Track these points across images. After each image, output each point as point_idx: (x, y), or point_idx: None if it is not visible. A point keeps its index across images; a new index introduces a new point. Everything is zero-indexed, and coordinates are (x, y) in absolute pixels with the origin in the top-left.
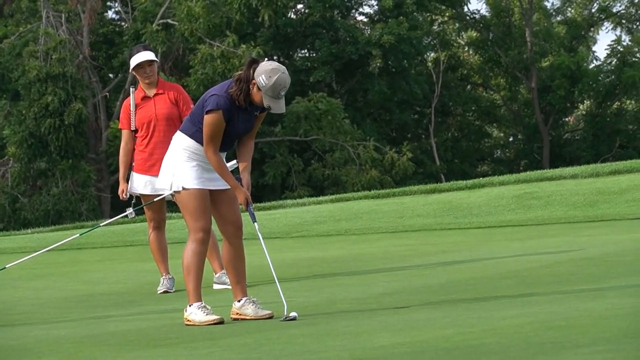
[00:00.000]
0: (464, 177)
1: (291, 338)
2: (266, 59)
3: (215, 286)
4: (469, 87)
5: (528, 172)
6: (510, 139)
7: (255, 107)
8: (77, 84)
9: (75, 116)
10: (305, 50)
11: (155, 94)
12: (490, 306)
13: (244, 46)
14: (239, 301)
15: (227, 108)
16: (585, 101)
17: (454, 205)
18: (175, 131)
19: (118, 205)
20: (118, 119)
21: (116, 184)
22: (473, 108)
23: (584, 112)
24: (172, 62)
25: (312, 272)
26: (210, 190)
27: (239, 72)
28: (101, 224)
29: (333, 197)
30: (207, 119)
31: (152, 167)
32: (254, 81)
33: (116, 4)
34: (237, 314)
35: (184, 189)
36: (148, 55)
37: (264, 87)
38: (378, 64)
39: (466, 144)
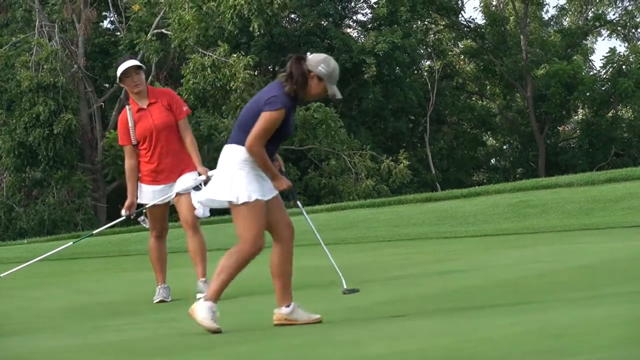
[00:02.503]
0: (459, 185)
1: (288, 347)
2: (308, 53)
3: (199, 295)
4: (464, 95)
5: (523, 181)
6: (505, 147)
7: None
8: (68, 94)
9: (65, 126)
10: None
11: (149, 104)
12: (486, 314)
13: (234, 56)
14: (287, 306)
15: (288, 107)
16: (580, 109)
17: (450, 214)
18: (176, 137)
19: (114, 216)
20: (114, 128)
21: (112, 193)
22: (468, 117)
23: (579, 120)
24: (167, 72)
25: (307, 281)
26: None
27: (286, 72)
28: (95, 231)
29: (329, 206)
30: (271, 115)
31: (159, 177)
32: (312, 74)
33: (111, 14)
34: (287, 319)
35: (248, 202)
36: (133, 61)
37: (326, 75)
38: (372, 72)
39: (461, 153)
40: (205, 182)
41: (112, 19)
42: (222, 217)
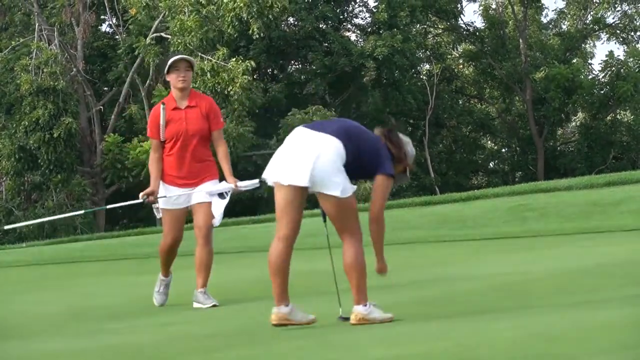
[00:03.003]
0: (458, 189)
1: (286, 351)
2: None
3: (196, 305)
4: (463, 99)
5: (522, 184)
6: (504, 150)
7: None
8: (68, 98)
9: (65, 130)
10: (299, 63)
11: (187, 106)
12: (485, 318)
13: (233, 60)
14: (365, 305)
15: None
16: (579, 113)
17: (449, 218)
18: (206, 145)
19: (114, 219)
20: (113, 132)
21: (111, 197)
22: (467, 120)
23: (578, 124)
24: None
25: (305, 286)
26: None
27: (390, 140)
28: (108, 206)
29: None
30: (390, 182)
31: (179, 181)
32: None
33: (111, 17)
34: (363, 319)
35: (352, 195)
36: (185, 56)
37: (411, 157)
38: (372, 76)
39: (460, 156)
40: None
41: (110, 22)
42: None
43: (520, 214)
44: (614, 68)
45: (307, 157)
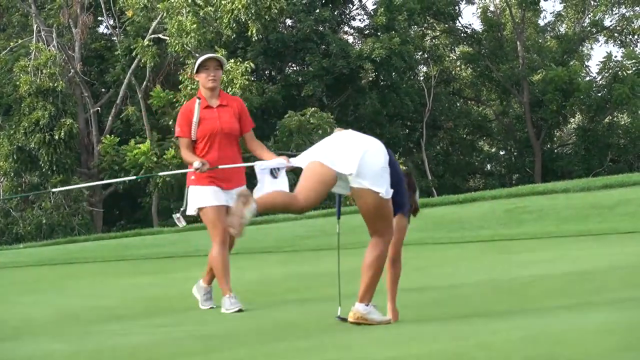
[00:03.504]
0: (455, 191)
1: (286, 352)
2: None
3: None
4: (460, 101)
5: (520, 187)
6: (502, 152)
7: None
8: (67, 99)
9: (66, 131)
10: (296, 65)
11: (219, 105)
12: (481, 320)
13: (232, 61)
14: (366, 305)
15: None
16: (577, 115)
17: (446, 220)
18: (237, 146)
19: (110, 221)
20: (110, 134)
21: (108, 198)
22: (464, 122)
23: (575, 126)
24: (163, 77)
25: (304, 287)
26: None
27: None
28: (139, 177)
29: (325, 211)
30: (407, 224)
31: (216, 181)
32: None
33: (108, 19)
34: (362, 317)
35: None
36: (215, 55)
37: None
38: (369, 78)
39: (457, 158)
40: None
41: (107, 24)
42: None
43: (517, 216)
44: (611, 70)
45: (357, 148)
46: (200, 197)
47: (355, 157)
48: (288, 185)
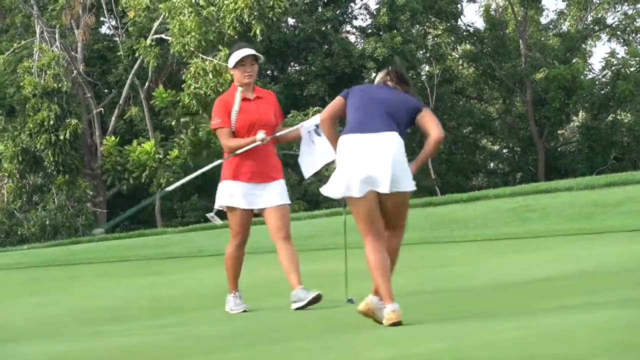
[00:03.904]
0: (458, 190)
1: (287, 352)
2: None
3: (295, 305)
4: (463, 99)
5: (523, 185)
6: (505, 151)
7: None
8: (71, 99)
9: (71, 132)
10: (299, 64)
11: (256, 97)
12: (486, 319)
13: None
14: (380, 301)
15: None
16: (580, 113)
17: (449, 219)
18: (273, 140)
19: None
20: (113, 134)
21: (112, 198)
22: (467, 121)
23: (578, 125)
24: (165, 77)
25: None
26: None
27: (401, 79)
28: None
29: (328, 211)
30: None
31: (251, 175)
32: None
33: (110, 19)
34: (371, 311)
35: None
36: (251, 50)
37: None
38: (372, 77)
39: (460, 157)
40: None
41: (109, 25)
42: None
43: (521, 214)
44: (614, 68)
45: (382, 163)
46: (232, 195)
47: (386, 174)
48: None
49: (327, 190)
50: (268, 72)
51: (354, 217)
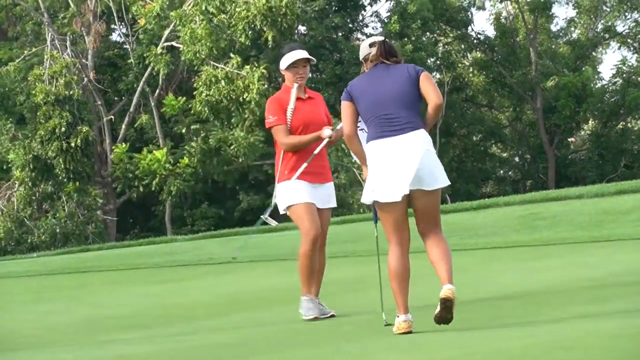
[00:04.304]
0: (469, 197)
1: (301, 359)
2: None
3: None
4: (473, 107)
5: (533, 193)
6: (517, 159)
7: None
8: (83, 107)
9: (82, 139)
10: (309, 72)
11: (308, 97)
12: (496, 327)
13: (247, 67)
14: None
15: None
16: (590, 121)
17: (459, 226)
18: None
19: (125, 229)
20: (123, 142)
21: (122, 206)
22: (478, 129)
23: (589, 132)
24: (176, 85)
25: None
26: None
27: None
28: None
29: (339, 218)
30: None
31: (307, 176)
32: None
33: (121, 27)
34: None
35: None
36: (304, 53)
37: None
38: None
39: (471, 165)
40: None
41: (120, 32)
42: (230, 230)
43: (531, 222)
44: (624, 75)
45: (414, 165)
46: (291, 193)
47: (417, 174)
48: None
49: (367, 197)
50: (279, 79)
51: (383, 222)
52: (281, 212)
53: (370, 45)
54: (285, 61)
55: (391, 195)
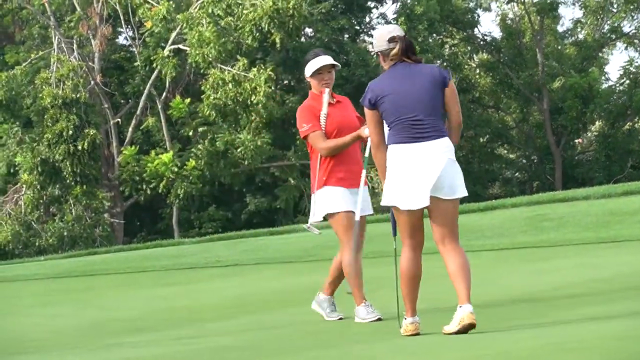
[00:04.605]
0: (476, 199)
1: None
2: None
3: (331, 317)
4: (480, 109)
5: (540, 194)
6: (524, 161)
7: None
8: (90, 110)
9: (89, 142)
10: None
11: (337, 102)
12: (503, 328)
13: (254, 69)
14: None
15: None
16: (597, 122)
17: (466, 228)
18: (359, 142)
19: (131, 232)
20: (130, 144)
21: (129, 209)
22: (485, 130)
23: (595, 133)
24: (182, 88)
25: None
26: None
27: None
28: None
29: None
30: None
31: (345, 181)
32: None
33: (127, 29)
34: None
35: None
36: (329, 59)
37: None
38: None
39: (477, 166)
40: None
41: (126, 35)
42: (237, 232)
43: (538, 223)
44: (632, 75)
45: (436, 173)
46: (331, 201)
47: (438, 184)
48: None
49: (387, 201)
50: (285, 82)
51: (399, 225)
52: (319, 219)
53: (390, 41)
54: (309, 68)
55: (411, 203)
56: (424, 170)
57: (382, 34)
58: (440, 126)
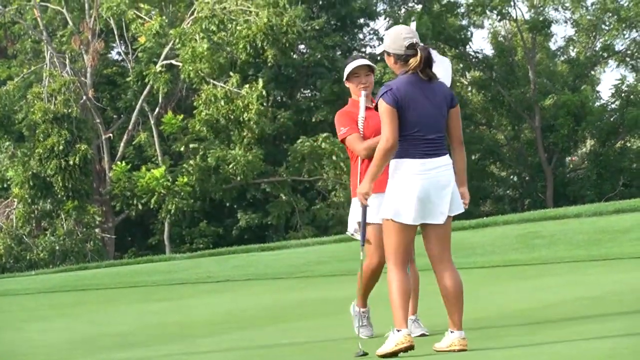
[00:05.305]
0: (467, 216)
1: None
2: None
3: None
4: (472, 126)
5: (532, 211)
6: (516, 179)
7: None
8: (81, 125)
9: (81, 157)
10: (308, 90)
11: (375, 105)
12: (494, 346)
13: (247, 86)
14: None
15: None
16: (588, 140)
17: (458, 245)
18: None
19: (123, 247)
20: (121, 160)
21: (120, 224)
22: (476, 147)
23: (587, 151)
24: (175, 103)
25: (317, 313)
26: None
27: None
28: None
29: (337, 237)
30: None
31: (381, 184)
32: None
33: (120, 44)
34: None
35: None
36: (365, 61)
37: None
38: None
39: (469, 184)
40: None
41: (119, 50)
42: (228, 248)
43: (529, 241)
44: (623, 94)
45: (445, 193)
46: (372, 209)
47: (445, 205)
48: None
49: (389, 213)
50: (277, 98)
51: (393, 242)
52: (350, 230)
53: (408, 47)
54: (346, 71)
55: (415, 219)
56: (439, 186)
57: (398, 35)
58: (445, 143)
